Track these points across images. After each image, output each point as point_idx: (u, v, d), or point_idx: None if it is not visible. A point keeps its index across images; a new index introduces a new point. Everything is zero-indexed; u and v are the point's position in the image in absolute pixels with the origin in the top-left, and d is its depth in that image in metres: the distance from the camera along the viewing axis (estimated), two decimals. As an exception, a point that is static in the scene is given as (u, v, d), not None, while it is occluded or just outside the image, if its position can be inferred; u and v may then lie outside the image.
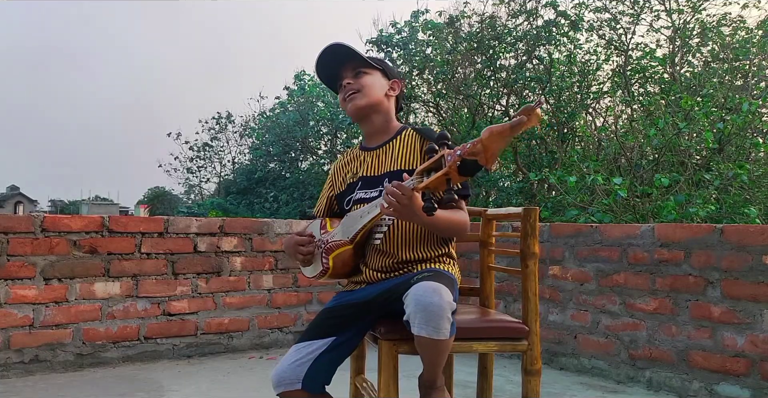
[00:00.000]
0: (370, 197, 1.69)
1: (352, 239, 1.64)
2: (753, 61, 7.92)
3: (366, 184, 1.73)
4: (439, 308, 1.35)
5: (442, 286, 1.39)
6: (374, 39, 10.19)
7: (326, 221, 1.78)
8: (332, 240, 1.68)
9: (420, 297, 1.36)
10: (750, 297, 2.61)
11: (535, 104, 1.21)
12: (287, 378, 1.53)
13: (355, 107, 1.74)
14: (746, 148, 6.90)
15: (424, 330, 1.36)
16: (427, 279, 1.42)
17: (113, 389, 2.78)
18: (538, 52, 8.77)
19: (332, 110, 11.56)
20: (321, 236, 1.74)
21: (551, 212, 6.73)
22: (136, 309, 3.28)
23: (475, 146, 1.25)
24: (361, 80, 1.73)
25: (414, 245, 1.65)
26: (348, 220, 1.69)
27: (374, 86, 1.74)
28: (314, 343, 1.57)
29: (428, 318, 1.35)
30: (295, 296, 3.80)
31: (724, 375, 2.66)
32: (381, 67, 1.77)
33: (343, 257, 1.66)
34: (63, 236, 3.09)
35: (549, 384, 2.96)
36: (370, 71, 1.75)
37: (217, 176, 19.07)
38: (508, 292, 3.68)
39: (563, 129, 8.69)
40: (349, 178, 1.79)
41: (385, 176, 1.70)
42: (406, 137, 1.73)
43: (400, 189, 1.41)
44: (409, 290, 1.41)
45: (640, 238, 3.01)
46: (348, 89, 1.74)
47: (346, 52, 1.74)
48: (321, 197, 1.90)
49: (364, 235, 1.65)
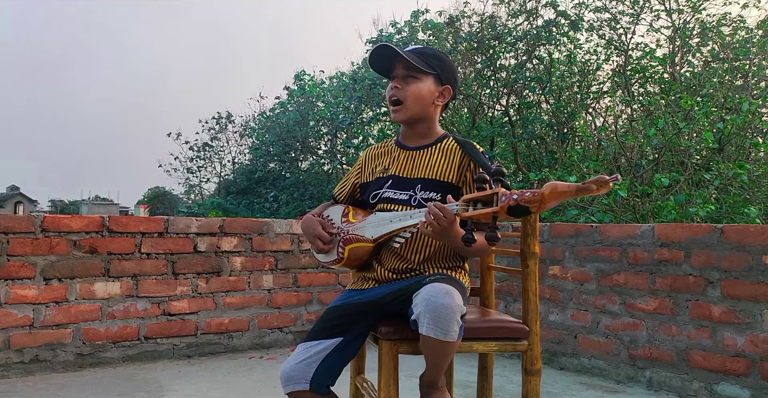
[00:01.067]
0: (398, 198, 1.68)
1: (375, 240, 1.64)
2: (753, 61, 7.91)
3: (396, 184, 1.70)
4: (449, 309, 1.35)
5: (454, 289, 1.39)
6: (374, 39, 10.18)
7: (349, 210, 1.75)
8: (353, 233, 1.67)
9: (431, 298, 1.36)
10: (750, 297, 2.61)
11: (611, 179, 1.19)
12: (295, 377, 1.53)
13: (396, 120, 1.73)
14: (746, 148, 6.90)
15: (432, 331, 1.36)
16: (440, 281, 1.42)
17: (113, 389, 2.78)
18: (538, 52, 8.77)
19: (332, 109, 11.55)
20: (341, 224, 1.72)
21: (551, 212, 6.72)
22: (136, 308, 3.28)
23: (534, 196, 1.24)
24: (408, 88, 1.67)
25: (431, 256, 1.66)
26: (376, 219, 1.67)
27: (420, 96, 1.67)
28: (322, 343, 1.56)
29: (437, 319, 1.35)
30: (295, 296, 3.80)
31: (724, 375, 2.66)
32: (436, 72, 1.69)
33: (359, 252, 1.66)
34: (63, 236, 3.09)
35: (549, 384, 2.96)
36: (421, 76, 1.68)
37: (217, 176, 19.06)
38: (509, 292, 3.68)
39: (563, 129, 8.69)
40: (379, 171, 1.76)
41: (418, 181, 1.68)
42: (447, 147, 1.71)
43: (444, 213, 1.40)
44: (419, 290, 1.41)
45: (640, 238, 3.00)
46: (394, 97, 1.69)
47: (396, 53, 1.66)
48: (346, 181, 1.86)
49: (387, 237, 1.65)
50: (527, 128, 8.37)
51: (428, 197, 1.65)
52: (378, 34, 10.25)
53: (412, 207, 1.65)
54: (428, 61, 1.68)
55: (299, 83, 13.89)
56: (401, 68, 1.68)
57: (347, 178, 1.86)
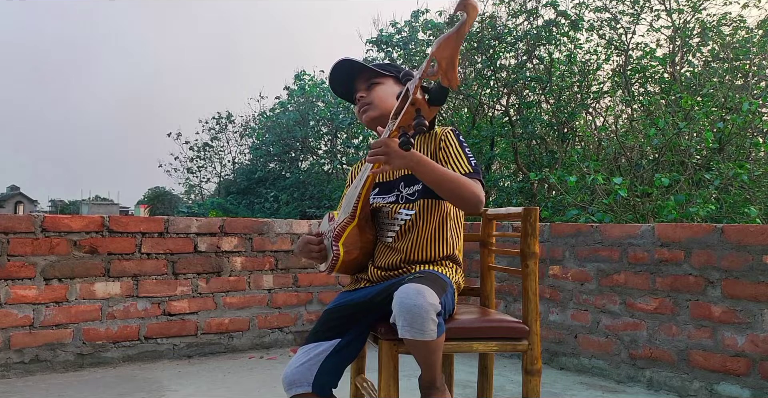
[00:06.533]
0: (387, 201, 1.71)
1: (353, 214, 1.62)
2: (753, 60, 7.91)
3: (381, 190, 1.75)
4: (421, 309, 1.34)
5: (426, 287, 1.38)
6: (374, 39, 10.19)
7: (333, 214, 1.79)
8: (337, 225, 1.67)
9: (403, 300, 1.36)
10: (750, 297, 2.61)
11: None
12: (297, 381, 1.53)
13: (368, 119, 1.75)
14: (746, 147, 6.90)
15: (408, 332, 1.36)
16: (414, 281, 1.41)
17: (113, 389, 2.78)
18: (539, 51, 8.77)
19: (332, 109, 11.56)
20: (329, 227, 1.74)
21: (551, 212, 6.72)
22: (136, 308, 3.28)
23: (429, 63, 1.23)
24: (373, 92, 1.74)
25: (424, 244, 1.66)
26: (346, 198, 1.72)
27: (386, 96, 1.72)
28: (321, 345, 1.57)
29: (412, 320, 1.35)
30: (296, 296, 3.80)
31: (724, 375, 2.66)
32: (393, 74, 1.76)
33: (352, 240, 1.63)
34: (63, 236, 3.09)
35: (549, 384, 2.96)
36: (382, 80, 1.75)
37: (218, 176, 19.06)
38: (509, 292, 3.68)
39: (563, 129, 8.69)
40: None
41: (399, 180, 1.71)
42: (419, 141, 1.73)
43: (377, 142, 1.45)
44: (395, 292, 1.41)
45: (640, 238, 3.00)
46: (361, 103, 1.75)
47: (355, 66, 1.74)
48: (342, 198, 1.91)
49: (365, 208, 1.64)
50: (527, 127, 8.37)
51: (414, 191, 1.67)
52: (378, 34, 10.25)
53: (400, 204, 1.68)
54: (383, 68, 1.77)
55: (299, 83, 13.90)
56: (362, 81, 1.76)
57: (342, 195, 1.91)
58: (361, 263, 1.72)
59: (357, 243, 1.65)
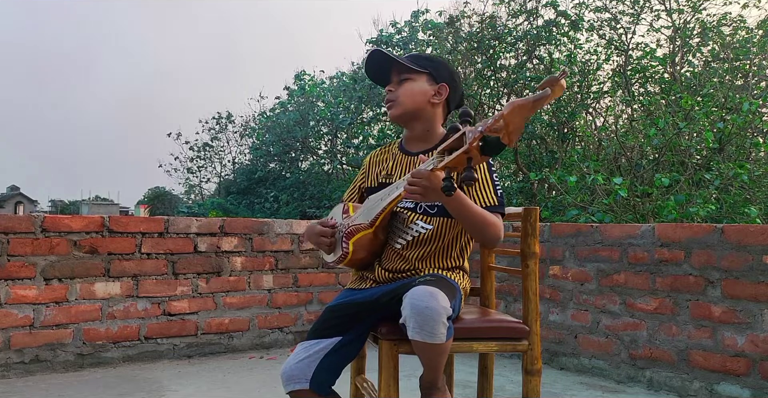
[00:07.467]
0: (403, 207, 1.70)
1: (372, 223, 1.62)
2: (753, 60, 7.91)
3: None
4: (434, 312, 1.35)
5: (439, 290, 1.39)
6: (374, 39, 10.19)
7: (349, 207, 1.77)
8: (353, 224, 1.66)
9: (415, 301, 1.36)
10: (750, 297, 2.61)
11: (560, 75, 1.16)
12: (295, 377, 1.53)
13: (391, 117, 1.74)
14: (746, 147, 6.90)
15: (419, 335, 1.36)
16: (427, 284, 1.41)
17: (113, 389, 2.78)
18: (539, 52, 8.76)
19: (332, 109, 11.55)
20: (343, 220, 1.73)
21: (551, 212, 6.72)
22: (136, 309, 3.28)
23: (497, 121, 1.20)
24: (401, 88, 1.71)
25: (433, 258, 1.66)
26: (369, 202, 1.69)
27: (413, 94, 1.70)
28: (321, 342, 1.57)
29: (423, 323, 1.35)
30: (296, 296, 3.80)
31: (724, 375, 2.66)
32: (428, 71, 1.73)
33: (363, 243, 1.64)
34: (63, 236, 3.09)
35: (549, 384, 2.96)
36: (413, 77, 1.72)
37: (218, 176, 19.04)
38: (509, 292, 3.68)
39: (563, 129, 8.69)
40: (382, 177, 1.78)
41: None
42: None
43: (419, 173, 1.41)
44: (406, 293, 1.41)
45: (640, 238, 3.00)
46: (387, 99, 1.73)
47: (388, 58, 1.72)
48: (354, 186, 1.89)
49: (385, 219, 1.63)
50: (527, 127, 8.37)
51: (434, 205, 1.66)
52: (378, 34, 10.25)
53: (418, 214, 1.67)
54: (419, 63, 1.73)
55: (299, 83, 13.89)
56: (395, 74, 1.74)
57: (354, 182, 1.90)
58: (368, 262, 1.72)
59: (367, 246, 1.66)
